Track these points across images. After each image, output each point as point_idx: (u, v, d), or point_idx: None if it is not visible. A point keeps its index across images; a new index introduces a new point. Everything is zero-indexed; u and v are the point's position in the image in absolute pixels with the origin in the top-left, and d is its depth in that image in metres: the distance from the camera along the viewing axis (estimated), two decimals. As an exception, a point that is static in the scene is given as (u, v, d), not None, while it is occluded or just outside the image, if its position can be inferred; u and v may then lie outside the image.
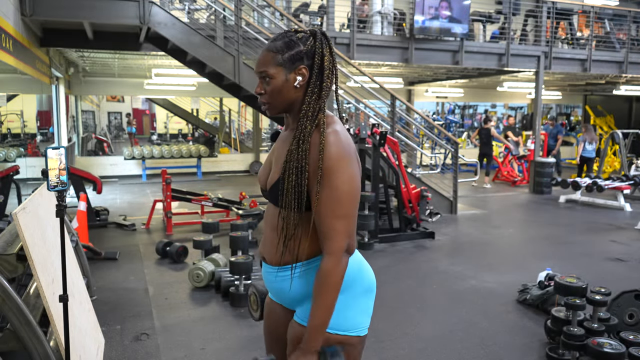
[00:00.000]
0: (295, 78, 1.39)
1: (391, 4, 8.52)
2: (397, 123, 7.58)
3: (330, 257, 1.34)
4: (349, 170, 1.35)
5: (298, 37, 1.41)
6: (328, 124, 1.38)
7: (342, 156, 1.34)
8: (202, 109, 20.07)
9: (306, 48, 1.39)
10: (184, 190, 6.76)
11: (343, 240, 1.35)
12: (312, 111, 1.38)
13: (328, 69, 1.41)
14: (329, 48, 1.42)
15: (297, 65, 1.39)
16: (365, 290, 1.47)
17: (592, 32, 9.93)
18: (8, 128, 13.79)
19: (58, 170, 2.02)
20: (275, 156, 1.49)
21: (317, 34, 1.42)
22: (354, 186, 1.36)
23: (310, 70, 1.40)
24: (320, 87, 1.40)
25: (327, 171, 1.33)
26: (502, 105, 21.66)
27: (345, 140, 1.37)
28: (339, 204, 1.34)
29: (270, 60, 1.39)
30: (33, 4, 5.37)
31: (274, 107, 1.44)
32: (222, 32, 6.65)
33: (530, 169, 9.86)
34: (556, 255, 5.43)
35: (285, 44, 1.39)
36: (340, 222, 1.34)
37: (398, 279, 4.61)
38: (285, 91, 1.40)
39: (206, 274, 4.27)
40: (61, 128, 9.09)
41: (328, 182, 1.33)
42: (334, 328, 1.42)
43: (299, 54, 1.39)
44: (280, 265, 1.46)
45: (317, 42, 1.41)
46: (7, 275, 2.51)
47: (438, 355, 3.13)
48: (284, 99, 1.42)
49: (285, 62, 1.38)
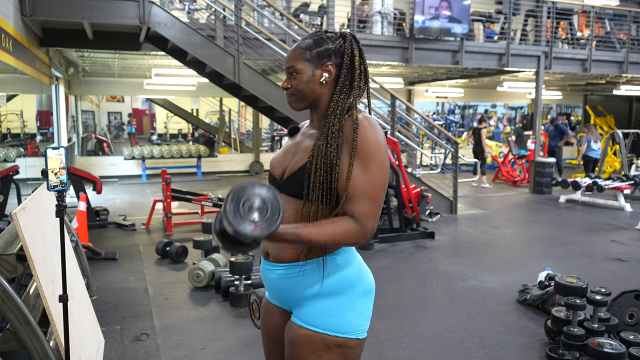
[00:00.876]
0: (322, 74, 1.43)
1: (391, 4, 8.52)
2: (397, 123, 7.58)
3: (357, 224, 1.34)
4: (384, 157, 1.38)
5: (327, 36, 1.45)
6: (360, 112, 1.43)
7: (378, 141, 1.37)
8: (202, 109, 20.08)
9: (335, 46, 1.44)
10: (183, 190, 6.76)
11: (372, 220, 1.37)
12: (340, 109, 1.41)
13: (359, 69, 1.44)
14: (359, 49, 1.45)
15: (324, 61, 1.43)
16: (364, 292, 1.47)
17: (592, 32, 9.93)
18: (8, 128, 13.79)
19: (58, 170, 2.01)
20: (298, 149, 1.48)
21: (347, 36, 1.46)
22: (387, 172, 1.40)
23: (338, 69, 1.44)
24: (351, 87, 1.44)
25: (364, 155, 1.35)
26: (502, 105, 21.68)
27: (379, 127, 1.41)
28: (374, 187, 1.36)
29: (299, 56, 1.43)
30: (33, 4, 5.37)
31: (300, 101, 1.47)
32: (222, 32, 6.66)
33: (530, 169, 9.86)
34: (556, 255, 5.43)
35: (314, 42, 1.44)
36: (372, 205, 1.36)
37: (398, 279, 4.61)
38: (311, 86, 1.44)
39: (206, 274, 4.27)
40: (61, 128, 9.09)
41: (364, 165, 1.35)
42: (333, 330, 1.41)
43: (326, 51, 1.43)
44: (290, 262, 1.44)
45: (346, 42, 1.44)
46: (7, 275, 2.51)
47: (438, 355, 3.13)
48: (309, 94, 1.45)
49: (312, 58, 1.42)
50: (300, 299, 1.45)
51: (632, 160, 10.87)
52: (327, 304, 1.42)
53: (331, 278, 1.41)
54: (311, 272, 1.42)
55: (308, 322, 1.42)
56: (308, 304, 1.43)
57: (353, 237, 1.35)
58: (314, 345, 1.41)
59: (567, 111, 19.86)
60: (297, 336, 1.43)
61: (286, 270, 1.45)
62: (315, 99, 1.46)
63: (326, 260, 1.42)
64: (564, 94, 15.77)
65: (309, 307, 1.43)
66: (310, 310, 1.43)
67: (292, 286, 1.45)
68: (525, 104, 17.71)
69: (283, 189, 1.45)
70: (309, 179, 1.38)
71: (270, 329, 1.60)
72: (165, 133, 21.76)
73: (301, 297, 1.45)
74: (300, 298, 1.45)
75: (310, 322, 1.42)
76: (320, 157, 1.37)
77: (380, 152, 1.37)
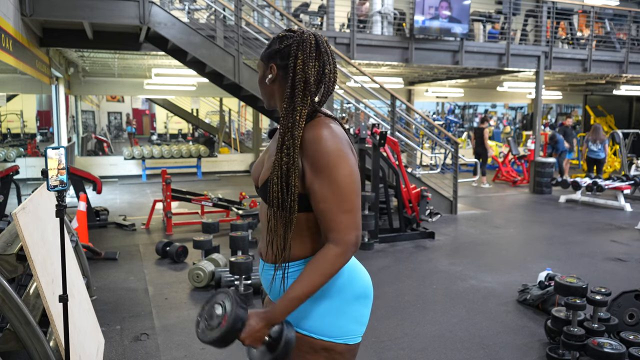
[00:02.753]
0: (267, 74, 1.45)
1: (391, 4, 8.52)
2: (397, 123, 7.58)
3: (337, 246, 1.32)
4: (348, 163, 1.34)
5: (285, 34, 1.43)
6: (320, 122, 1.38)
7: (338, 149, 1.33)
8: (202, 109, 20.08)
9: (280, 47, 1.41)
10: (184, 190, 6.76)
11: (351, 233, 1.34)
12: (287, 110, 1.38)
13: (300, 75, 1.37)
14: (302, 52, 1.37)
15: (270, 62, 1.44)
16: (357, 296, 1.44)
17: (592, 32, 9.93)
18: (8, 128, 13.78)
19: (58, 170, 2.01)
20: (268, 154, 1.49)
21: (294, 36, 1.40)
22: (355, 179, 1.35)
23: (283, 71, 1.40)
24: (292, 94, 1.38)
25: (325, 167, 1.32)
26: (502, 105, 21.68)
27: (339, 133, 1.37)
28: (343, 198, 1.32)
29: (260, 55, 1.49)
30: (33, 4, 5.37)
31: (263, 98, 1.54)
32: (222, 32, 6.65)
33: (530, 169, 9.85)
34: (556, 255, 5.43)
35: (271, 41, 1.46)
36: (347, 216, 1.33)
37: (398, 279, 4.61)
38: (262, 85, 1.48)
39: (206, 274, 4.27)
40: (61, 128, 9.09)
41: (328, 178, 1.32)
42: (318, 333, 1.39)
43: (272, 52, 1.43)
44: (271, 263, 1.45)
45: (293, 43, 1.39)
46: (7, 275, 2.51)
47: (438, 355, 3.13)
48: (263, 92, 1.50)
49: (264, 57, 1.46)
50: None
51: (632, 160, 10.86)
52: (314, 307, 1.40)
53: None
54: (296, 274, 1.41)
55: (295, 325, 1.41)
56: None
57: (340, 259, 1.33)
58: (301, 348, 1.40)
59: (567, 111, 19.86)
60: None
61: (272, 271, 1.45)
62: (270, 97, 1.49)
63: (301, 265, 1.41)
64: (564, 94, 15.77)
65: (297, 310, 1.41)
66: (298, 312, 1.40)
67: (280, 287, 1.44)
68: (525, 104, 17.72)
69: (260, 195, 1.49)
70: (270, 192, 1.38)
71: None
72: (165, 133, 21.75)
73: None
74: None
75: (297, 325, 1.40)
76: (276, 171, 1.35)
77: (344, 161, 1.32)
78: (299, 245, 1.41)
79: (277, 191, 1.36)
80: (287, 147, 1.35)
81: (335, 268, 1.33)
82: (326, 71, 1.42)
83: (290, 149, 1.34)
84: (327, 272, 1.33)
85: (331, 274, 1.33)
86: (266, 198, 1.42)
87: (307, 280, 1.33)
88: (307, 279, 1.33)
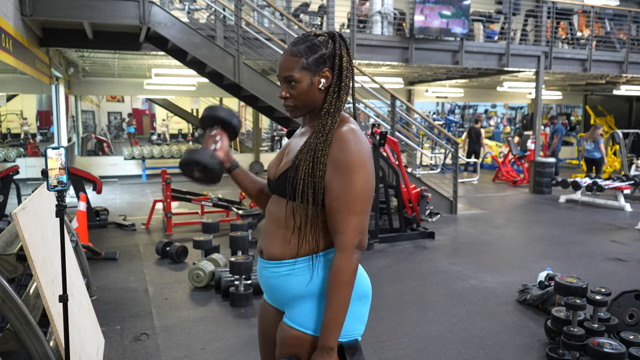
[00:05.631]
0: (320, 80, 1.44)
1: (391, 4, 8.52)
2: (397, 123, 7.58)
3: (342, 253, 1.36)
4: (366, 168, 1.38)
5: (320, 40, 1.45)
6: (345, 122, 1.43)
7: (360, 153, 1.37)
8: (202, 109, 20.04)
9: (328, 51, 1.44)
10: (184, 190, 6.76)
11: (356, 236, 1.37)
12: (334, 109, 1.43)
13: (346, 69, 1.46)
14: (346, 49, 1.46)
15: (321, 68, 1.43)
16: (358, 296, 1.46)
17: (592, 32, 9.93)
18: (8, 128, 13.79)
19: (58, 170, 2.01)
20: (289, 149, 1.52)
21: (335, 37, 1.47)
22: (370, 184, 1.39)
23: (332, 72, 1.45)
24: (339, 87, 1.45)
25: (345, 167, 1.36)
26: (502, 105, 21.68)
27: (363, 138, 1.41)
28: (355, 200, 1.36)
29: (295, 64, 1.43)
30: (33, 4, 5.37)
31: (299, 109, 1.48)
32: (222, 32, 6.66)
33: (530, 169, 9.85)
34: (556, 255, 5.43)
35: (308, 48, 1.44)
36: (354, 219, 1.36)
37: (398, 279, 4.61)
38: (311, 94, 1.45)
39: (206, 274, 4.27)
40: (61, 128, 9.09)
41: (346, 178, 1.35)
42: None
43: (322, 57, 1.43)
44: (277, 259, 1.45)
45: (336, 44, 1.45)
46: (7, 275, 2.51)
47: (438, 355, 3.13)
48: (310, 101, 1.46)
49: (310, 65, 1.43)
50: (291, 299, 1.45)
51: (632, 160, 10.86)
52: (316, 306, 1.42)
53: (321, 279, 1.41)
54: (301, 271, 1.43)
55: (298, 323, 1.43)
56: (298, 304, 1.44)
57: (348, 263, 1.35)
58: (303, 346, 1.42)
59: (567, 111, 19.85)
60: (287, 337, 1.44)
61: (277, 268, 1.46)
62: (315, 105, 1.47)
63: (317, 258, 1.43)
64: (564, 94, 15.77)
65: (299, 308, 1.43)
66: (301, 310, 1.43)
67: (283, 285, 1.46)
68: (525, 104, 17.71)
69: (275, 188, 1.49)
70: (295, 172, 1.40)
71: (265, 328, 1.60)
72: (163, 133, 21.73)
73: (292, 297, 1.45)
74: (291, 298, 1.45)
75: (299, 323, 1.42)
76: (309, 152, 1.39)
77: (363, 165, 1.37)
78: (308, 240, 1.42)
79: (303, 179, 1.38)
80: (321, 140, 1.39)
81: (349, 275, 1.36)
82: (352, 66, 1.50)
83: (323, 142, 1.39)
84: (345, 283, 1.36)
85: (350, 282, 1.36)
86: (283, 190, 1.44)
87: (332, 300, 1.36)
88: (332, 299, 1.36)
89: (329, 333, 1.35)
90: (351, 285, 1.37)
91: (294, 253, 1.43)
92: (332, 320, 1.35)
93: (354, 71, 1.50)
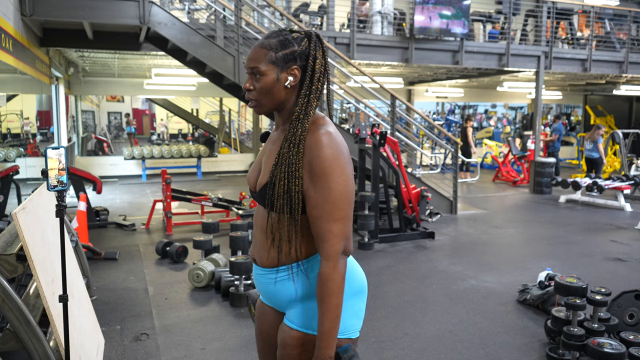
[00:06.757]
0: (287, 78, 1.38)
1: (391, 4, 8.52)
2: (397, 123, 7.58)
3: (328, 261, 1.34)
4: (344, 172, 1.34)
5: (293, 37, 1.40)
6: (320, 125, 1.37)
7: (336, 157, 1.33)
8: (202, 109, 20.07)
9: (300, 49, 1.39)
10: (184, 190, 6.76)
11: (339, 242, 1.34)
12: (304, 114, 1.37)
13: (319, 72, 1.40)
14: (322, 51, 1.41)
15: (289, 65, 1.38)
16: (354, 292, 1.46)
17: (592, 32, 9.92)
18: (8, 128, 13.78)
19: (58, 170, 2.01)
20: (265, 158, 1.47)
21: (312, 36, 1.41)
22: (349, 188, 1.35)
23: (303, 72, 1.40)
24: (310, 90, 1.39)
25: (321, 173, 1.32)
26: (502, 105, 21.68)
27: (339, 141, 1.36)
28: (335, 207, 1.33)
29: (263, 57, 1.37)
30: (33, 4, 5.37)
31: (262, 105, 1.42)
32: (222, 32, 6.65)
33: (530, 169, 9.85)
34: (556, 255, 5.43)
35: (279, 43, 1.38)
36: (336, 225, 1.34)
37: (398, 279, 4.61)
38: (275, 90, 1.39)
39: (206, 274, 4.27)
40: (61, 128, 9.09)
41: (323, 185, 1.32)
42: None
43: (292, 54, 1.38)
44: (270, 267, 1.45)
45: (311, 44, 1.40)
46: (7, 275, 2.51)
47: (438, 356, 3.13)
48: (273, 98, 1.40)
49: (278, 60, 1.37)
50: (290, 301, 1.45)
51: (632, 160, 10.86)
52: (316, 305, 1.41)
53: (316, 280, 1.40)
54: (295, 274, 1.43)
55: (298, 324, 1.43)
56: (298, 305, 1.44)
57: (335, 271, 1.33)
58: (304, 346, 1.42)
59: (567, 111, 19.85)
60: (288, 338, 1.43)
61: (273, 274, 1.45)
62: (278, 103, 1.41)
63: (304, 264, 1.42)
64: (564, 94, 15.77)
65: (299, 309, 1.43)
66: (300, 311, 1.43)
67: (280, 289, 1.45)
68: (525, 104, 17.71)
69: (257, 200, 1.46)
70: (272, 188, 1.37)
71: (263, 330, 1.60)
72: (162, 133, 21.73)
73: (290, 299, 1.45)
74: (290, 300, 1.45)
75: (300, 324, 1.42)
76: (283, 165, 1.35)
77: (339, 169, 1.33)
78: (300, 247, 1.41)
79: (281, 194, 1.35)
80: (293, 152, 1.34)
81: (337, 282, 1.34)
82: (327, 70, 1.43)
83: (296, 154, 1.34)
84: (334, 290, 1.34)
85: (339, 288, 1.34)
86: (264, 202, 1.41)
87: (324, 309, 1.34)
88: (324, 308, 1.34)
89: (326, 343, 1.34)
90: (341, 292, 1.34)
91: (284, 261, 1.42)
92: (329, 330, 1.34)
93: (329, 74, 1.43)
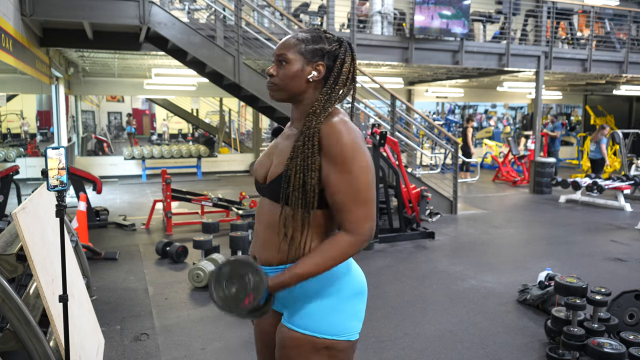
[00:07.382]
0: (311, 71, 1.41)
1: (391, 4, 8.52)
2: (397, 123, 7.58)
3: (351, 236, 1.35)
4: (365, 157, 1.37)
5: (326, 36, 1.44)
6: (335, 114, 1.41)
7: (355, 142, 1.36)
8: (202, 109, 20.07)
9: (330, 48, 1.43)
10: (184, 190, 6.76)
11: (366, 224, 1.36)
12: (322, 109, 1.39)
13: (346, 75, 1.43)
14: (351, 59, 1.44)
15: (316, 60, 1.41)
16: (354, 293, 1.46)
17: (592, 32, 9.92)
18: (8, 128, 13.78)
19: (58, 170, 2.01)
20: (278, 151, 1.48)
21: (344, 42, 1.45)
22: (371, 171, 1.38)
23: (328, 71, 1.43)
24: (332, 90, 1.42)
25: (343, 159, 1.34)
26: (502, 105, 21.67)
27: (354, 127, 1.40)
28: (359, 190, 1.35)
29: (292, 46, 1.41)
30: (33, 4, 5.37)
31: (280, 91, 1.44)
32: (222, 32, 6.66)
33: (530, 169, 9.85)
34: (556, 255, 5.43)
35: (311, 37, 1.42)
36: (362, 208, 1.36)
37: (398, 279, 4.61)
38: (296, 80, 1.42)
39: (206, 274, 4.27)
40: (61, 128, 9.09)
41: (346, 170, 1.34)
42: (322, 332, 1.40)
43: (321, 50, 1.42)
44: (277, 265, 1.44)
45: (342, 47, 1.44)
46: (7, 275, 2.51)
47: (438, 356, 3.13)
48: (292, 87, 1.43)
49: (306, 52, 1.41)
50: (289, 301, 1.45)
51: (632, 160, 10.86)
52: (315, 306, 1.41)
53: (317, 280, 1.40)
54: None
55: (296, 325, 1.42)
56: (296, 306, 1.43)
57: (351, 248, 1.35)
58: (303, 347, 1.41)
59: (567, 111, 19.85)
60: (286, 338, 1.43)
61: (273, 273, 1.44)
62: (296, 94, 1.44)
63: None
64: (564, 94, 15.77)
65: (297, 309, 1.43)
66: (299, 312, 1.43)
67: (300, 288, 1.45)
68: (525, 104, 17.70)
69: (266, 193, 1.46)
70: (287, 181, 1.37)
71: (262, 330, 1.60)
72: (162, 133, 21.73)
73: (289, 299, 1.45)
74: (289, 300, 1.45)
75: (298, 325, 1.42)
76: (298, 158, 1.36)
77: (360, 154, 1.36)
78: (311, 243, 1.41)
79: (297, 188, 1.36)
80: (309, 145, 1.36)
81: (345, 256, 1.36)
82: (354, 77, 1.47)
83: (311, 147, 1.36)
84: (337, 258, 1.36)
85: (340, 261, 1.36)
86: (275, 196, 1.41)
87: (315, 260, 1.35)
88: (315, 260, 1.35)
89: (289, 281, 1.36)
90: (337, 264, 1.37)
91: (292, 258, 1.42)
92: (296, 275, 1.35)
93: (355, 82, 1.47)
